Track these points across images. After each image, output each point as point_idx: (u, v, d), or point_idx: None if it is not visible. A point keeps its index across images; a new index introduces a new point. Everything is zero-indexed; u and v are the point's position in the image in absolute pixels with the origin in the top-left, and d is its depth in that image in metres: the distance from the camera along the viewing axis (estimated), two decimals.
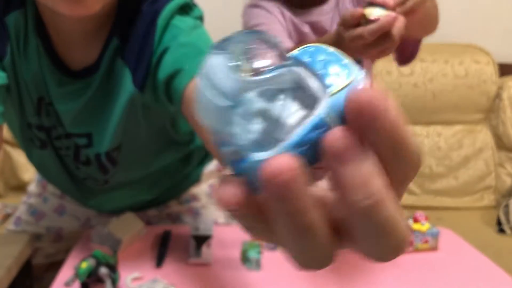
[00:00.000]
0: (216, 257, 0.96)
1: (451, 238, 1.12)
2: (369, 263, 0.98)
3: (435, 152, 1.92)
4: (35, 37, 0.77)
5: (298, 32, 1.13)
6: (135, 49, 0.75)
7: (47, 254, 1.17)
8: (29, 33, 0.77)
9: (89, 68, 0.78)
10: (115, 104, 0.80)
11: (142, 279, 0.87)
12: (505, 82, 1.93)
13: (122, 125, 0.81)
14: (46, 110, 0.84)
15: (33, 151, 0.96)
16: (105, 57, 0.77)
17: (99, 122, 0.82)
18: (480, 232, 1.64)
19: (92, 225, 1.15)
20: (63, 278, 0.80)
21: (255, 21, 1.09)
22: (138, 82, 0.76)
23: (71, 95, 0.80)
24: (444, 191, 1.91)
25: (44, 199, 1.18)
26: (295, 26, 1.12)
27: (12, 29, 0.76)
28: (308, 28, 1.12)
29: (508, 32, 2.10)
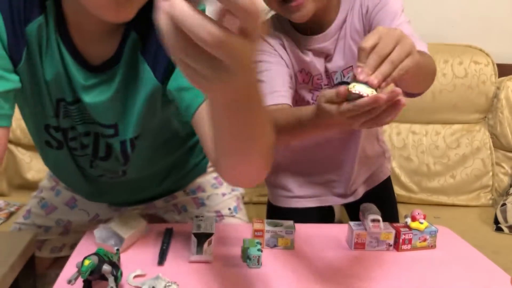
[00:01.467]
0: (217, 255, 0.97)
1: (449, 236, 1.13)
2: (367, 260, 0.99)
3: (434, 150, 1.93)
4: (56, 39, 0.82)
5: (299, 62, 1.13)
6: (153, 45, 0.81)
7: (52, 248, 1.19)
8: (51, 36, 0.82)
9: (109, 61, 0.84)
10: (139, 94, 0.85)
11: (144, 276, 0.88)
12: (503, 82, 1.94)
13: (143, 114, 0.87)
14: (64, 111, 0.89)
15: (49, 152, 0.99)
16: (125, 50, 0.83)
17: (124, 112, 0.87)
18: (477, 231, 1.65)
19: (100, 219, 1.19)
20: (66, 275, 0.80)
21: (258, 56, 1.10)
22: (160, 75, 0.82)
23: (97, 88, 0.85)
24: (441, 190, 1.92)
25: (57, 192, 1.21)
26: (296, 56, 1.13)
27: (34, 36, 0.81)
28: (310, 55, 1.13)
29: (506, 32, 2.11)
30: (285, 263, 0.97)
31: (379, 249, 1.04)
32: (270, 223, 1.04)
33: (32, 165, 1.73)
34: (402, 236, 1.03)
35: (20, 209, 1.61)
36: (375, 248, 1.04)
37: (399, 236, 1.03)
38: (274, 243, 1.03)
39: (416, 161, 1.91)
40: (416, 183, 1.92)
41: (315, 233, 1.11)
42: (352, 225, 1.05)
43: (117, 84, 0.85)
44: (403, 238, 1.03)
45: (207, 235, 0.94)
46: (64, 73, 0.84)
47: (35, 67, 0.83)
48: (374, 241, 1.03)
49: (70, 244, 1.22)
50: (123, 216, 1.02)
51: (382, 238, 1.03)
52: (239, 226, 1.17)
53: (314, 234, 1.10)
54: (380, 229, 1.02)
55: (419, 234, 1.03)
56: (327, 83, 1.17)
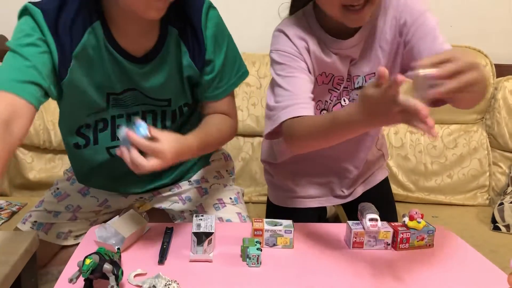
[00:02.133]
0: (217, 254, 0.98)
1: (446, 235, 1.14)
2: (367, 260, 1.00)
3: (431, 150, 1.94)
4: (105, 45, 1.00)
5: (321, 65, 1.13)
6: (191, 40, 1.05)
7: (59, 233, 1.26)
8: (101, 44, 1.00)
9: (150, 52, 1.03)
10: (182, 73, 1.08)
11: (145, 275, 0.89)
12: (500, 83, 1.95)
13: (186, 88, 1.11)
14: (114, 102, 1.08)
15: (81, 151, 1.15)
16: (167, 43, 1.03)
17: (174, 88, 1.09)
18: (475, 230, 1.66)
19: (108, 205, 1.28)
20: (67, 274, 0.81)
21: (280, 59, 1.10)
22: (199, 66, 1.07)
23: (148, 74, 1.05)
24: (438, 189, 1.93)
25: (72, 182, 1.29)
26: (319, 60, 1.12)
27: (83, 51, 0.99)
28: (334, 57, 1.12)
29: (504, 33, 2.12)
30: (284, 262, 0.98)
31: (377, 248, 1.05)
32: (269, 222, 1.05)
33: (34, 165, 1.73)
34: (400, 235, 1.03)
35: (22, 209, 1.61)
36: (373, 247, 1.05)
37: (397, 235, 1.04)
38: (274, 242, 1.03)
39: (413, 161, 1.92)
40: (413, 182, 1.93)
41: (314, 232, 1.12)
42: (351, 224, 1.05)
43: (166, 73, 1.06)
44: (401, 237, 1.04)
45: (207, 234, 0.95)
46: (118, 69, 1.03)
47: (79, 77, 1.02)
48: (372, 240, 1.04)
49: (76, 233, 1.28)
50: (123, 216, 1.03)
51: (380, 237, 1.04)
52: (239, 226, 1.18)
53: (313, 233, 1.11)
54: (378, 228, 1.03)
55: (417, 233, 1.04)
56: (347, 85, 1.17)
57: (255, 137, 1.89)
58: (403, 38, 1.10)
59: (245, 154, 1.88)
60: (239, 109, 1.82)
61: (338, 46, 1.12)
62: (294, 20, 1.14)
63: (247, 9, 2.01)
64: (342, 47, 1.12)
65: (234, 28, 2.02)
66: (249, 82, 1.85)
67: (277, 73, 1.10)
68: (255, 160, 1.87)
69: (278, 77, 1.09)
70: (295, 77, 1.08)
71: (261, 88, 1.85)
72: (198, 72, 1.08)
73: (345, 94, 1.18)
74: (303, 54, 1.10)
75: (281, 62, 1.10)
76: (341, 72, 1.14)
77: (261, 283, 0.89)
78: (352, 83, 1.17)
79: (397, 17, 1.09)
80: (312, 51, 1.11)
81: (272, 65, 1.13)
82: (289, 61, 1.09)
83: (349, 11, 1.00)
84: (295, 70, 1.09)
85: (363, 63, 1.14)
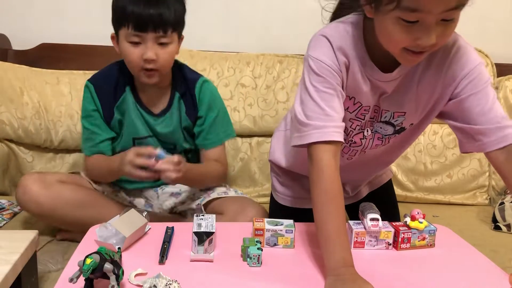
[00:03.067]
0: (218, 253, 0.98)
1: (447, 235, 1.14)
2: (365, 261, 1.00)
3: (431, 150, 1.93)
4: (133, 102, 1.42)
5: (354, 88, 1.06)
6: (188, 101, 1.44)
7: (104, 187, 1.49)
8: (129, 102, 1.41)
9: (163, 110, 1.43)
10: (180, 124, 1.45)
11: (146, 275, 0.89)
12: (501, 82, 1.95)
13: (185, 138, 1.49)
14: (138, 143, 1.43)
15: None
16: (173, 104, 1.43)
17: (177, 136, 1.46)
18: (475, 229, 1.66)
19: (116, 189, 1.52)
20: (68, 274, 0.81)
21: (319, 70, 1.01)
22: (192, 120, 1.45)
23: (162, 124, 1.43)
24: (437, 189, 1.93)
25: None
26: (354, 83, 1.05)
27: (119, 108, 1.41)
28: (368, 86, 1.06)
29: (505, 33, 2.12)
30: (285, 262, 0.98)
31: (378, 248, 1.05)
32: (270, 222, 1.05)
33: (34, 164, 1.73)
34: (401, 235, 1.03)
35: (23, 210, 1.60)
36: (374, 247, 1.05)
37: (398, 235, 1.03)
38: (274, 242, 1.03)
39: (413, 160, 1.92)
40: (412, 182, 1.93)
41: (314, 232, 1.11)
42: (352, 224, 1.05)
43: (173, 125, 1.44)
44: (402, 237, 1.04)
45: (207, 234, 0.95)
46: (141, 120, 1.42)
47: (119, 123, 1.43)
48: (373, 240, 1.04)
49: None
50: (124, 215, 1.03)
51: (381, 237, 1.04)
52: (239, 225, 1.18)
53: (313, 233, 1.10)
54: (379, 228, 1.03)
55: (418, 233, 1.04)
56: (373, 116, 1.12)
57: (253, 137, 1.89)
58: (451, 90, 1.06)
59: (243, 154, 1.88)
60: (236, 110, 1.82)
61: (377, 76, 1.04)
62: (342, 30, 1.04)
63: (247, 9, 2.01)
64: (380, 79, 1.05)
65: (234, 28, 2.04)
66: (244, 83, 1.84)
67: (313, 84, 1.02)
68: (254, 160, 1.87)
69: (312, 89, 1.01)
70: (331, 95, 1.01)
71: (257, 88, 1.84)
72: (192, 124, 1.45)
73: (369, 125, 1.14)
74: (342, 71, 1.03)
75: (319, 74, 1.01)
76: (369, 103, 1.09)
77: (261, 283, 0.89)
78: (379, 115, 1.12)
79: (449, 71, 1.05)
80: (351, 71, 1.04)
81: (307, 72, 1.04)
82: (328, 75, 1.01)
83: (409, 53, 0.93)
84: (332, 88, 1.01)
85: (395, 99, 1.09)
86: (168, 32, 1.29)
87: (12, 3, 1.93)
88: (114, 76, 1.42)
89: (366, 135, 1.15)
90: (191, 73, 1.48)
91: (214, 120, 1.46)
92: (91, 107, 1.42)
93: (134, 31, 1.27)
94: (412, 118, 1.12)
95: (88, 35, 1.92)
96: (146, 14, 1.25)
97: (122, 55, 1.34)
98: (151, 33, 1.27)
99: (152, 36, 1.27)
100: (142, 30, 1.26)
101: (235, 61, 1.86)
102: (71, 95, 1.75)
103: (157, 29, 1.27)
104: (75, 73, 1.79)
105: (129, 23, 1.27)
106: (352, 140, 1.15)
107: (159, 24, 1.27)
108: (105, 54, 1.87)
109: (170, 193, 1.51)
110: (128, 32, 1.28)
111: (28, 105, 1.70)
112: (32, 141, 1.72)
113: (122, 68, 1.40)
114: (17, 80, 1.72)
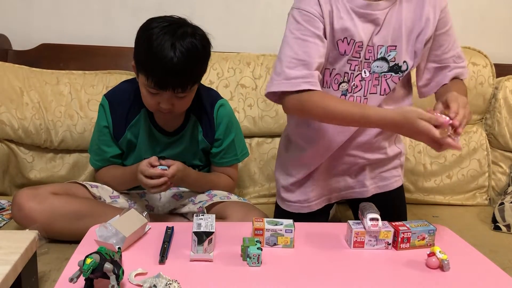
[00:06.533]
0: (217, 253, 0.98)
1: (447, 235, 1.14)
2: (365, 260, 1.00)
3: (430, 151, 1.93)
4: (148, 123, 1.43)
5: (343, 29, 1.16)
6: (206, 124, 1.46)
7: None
8: (145, 122, 1.43)
9: (176, 130, 1.45)
10: (198, 146, 1.48)
11: (146, 274, 0.89)
12: (501, 82, 1.95)
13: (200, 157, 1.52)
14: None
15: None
16: (188, 125, 1.45)
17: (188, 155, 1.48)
18: (475, 230, 1.66)
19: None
20: (68, 274, 0.81)
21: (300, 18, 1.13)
22: (210, 141, 1.47)
23: (173, 144, 1.46)
24: (437, 189, 1.93)
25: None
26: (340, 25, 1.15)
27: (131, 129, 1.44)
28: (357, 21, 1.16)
29: (504, 33, 2.12)
30: (284, 262, 0.98)
31: (378, 247, 1.05)
32: (270, 221, 1.05)
33: (34, 164, 1.73)
34: (401, 235, 1.04)
35: None
36: (374, 246, 1.05)
37: (398, 235, 1.04)
38: (274, 242, 1.03)
39: (413, 161, 1.92)
40: (412, 183, 1.93)
41: (314, 231, 1.12)
42: (351, 224, 1.06)
43: (184, 144, 1.46)
44: (402, 236, 1.04)
45: (207, 234, 0.95)
46: (155, 140, 1.45)
47: (129, 143, 1.46)
48: (373, 239, 1.04)
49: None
50: (124, 215, 1.03)
51: (381, 237, 1.04)
52: (239, 225, 1.18)
53: (313, 233, 1.11)
54: (379, 228, 1.03)
55: (417, 232, 1.04)
56: (368, 56, 1.20)
57: (253, 138, 1.89)
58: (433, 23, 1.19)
59: None
60: (235, 111, 1.82)
61: (366, 7, 1.15)
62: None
63: (247, 9, 2.01)
64: (369, 9, 1.15)
65: (234, 28, 2.04)
66: (244, 84, 1.84)
67: (292, 32, 1.13)
68: (254, 161, 1.87)
69: (291, 36, 1.13)
70: (308, 41, 1.11)
71: (257, 89, 1.84)
72: (209, 145, 1.48)
73: (366, 66, 1.21)
74: (325, 18, 1.13)
75: (299, 21, 1.12)
76: (362, 38, 1.17)
77: (261, 283, 0.89)
78: (374, 53, 1.20)
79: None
80: (337, 15, 1.14)
81: (289, 21, 1.16)
82: (308, 21, 1.12)
83: None
84: (310, 34, 1.12)
85: (386, 33, 1.18)
86: (187, 90, 1.30)
87: (12, 3, 1.93)
88: (130, 96, 1.43)
89: (364, 76, 1.22)
90: (207, 95, 1.48)
91: (232, 143, 1.50)
92: (103, 123, 1.45)
93: (153, 86, 1.27)
94: (404, 53, 1.22)
95: (88, 36, 1.93)
96: (169, 80, 1.25)
97: (140, 92, 1.36)
98: (169, 91, 1.27)
99: (170, 93, 1.28)
100: (161, 88, 1.27)
101: (235, 61, 1.86)
102: (71, 95, 1.75)
103: (176, 89, 1.27)
104: (75, 73, 1.79)
105: (149, 78, 1.26)
106: (354, 84, 1.22)
107: (178, 86, 1.27)
108: (105, 54, 1.88)
109: (172, 195, 1.51)
110: (147, 83, 1.28)
111: (28, 106, 1.70)
112: (32, 141, 1.72)
113: (137, 89, 1.39)
114: (17, 81, 1.72)
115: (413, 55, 1.22)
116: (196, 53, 1.26)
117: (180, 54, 1.22)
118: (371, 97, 1.23)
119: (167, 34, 1.23)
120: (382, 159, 1.36)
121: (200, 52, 1.27)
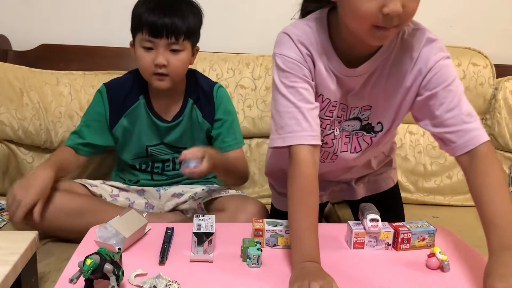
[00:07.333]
0: (217, 254, 0.98)
1: (447, 235, 1.14)
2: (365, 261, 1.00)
3: (430, 151, 1.93)
4: (146, 111, 1.47)
5: (321, 85, 1.07)
6: (204, 105, 1.49)
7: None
8: (142, 110, 1.47)
9: (175, 116, 1.48)
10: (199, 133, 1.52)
11: (146, 275, 0.89)
12: (501, 83, 1.95)
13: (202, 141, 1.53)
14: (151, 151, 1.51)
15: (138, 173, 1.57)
16: (186, 110, 1.48)
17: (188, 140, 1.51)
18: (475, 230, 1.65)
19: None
20: (68, 274, 0.81)
21: (284, 65, 1.03)
22: (210, 121, 1.50)
23: (172, 130, 1.49)
24: (437, 190, 1.93)
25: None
26: (320, 78, 1.06)
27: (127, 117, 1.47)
28: (334, 82, 1.07)
29: (505, 34, 2.12)
30: (284, 262, 0.98)
31: (378, 248, 1.05)
32: (270, 222, 1.05)
33: (34, 165, 1.73)
34: (401, 236, 1.04)
35: None
36: (374, 247, 1.05)
37: (398, 235, 1.04)
38: (274, 243, 1.03)
39: (413, 161, 1.92)
40: (412, 183, 1.93)
41: None
42: (351, 225, 1.05)
43: (183, 128, 1.49)
44: (402, 237, 1.04)
45: (207, 235, 0.95)
46: (153, 127, 1.48)
47: (124, 131, 1.49)
48: (373, 240, 1.04)
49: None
50: (124, 216, 1.03)
51: (381, 238, 1.04)
52: (239, 226, 1.18)
53: None
54: (379, 229, 1.03)
55: (417, 233, 1.04)
56: (341, 115, 1.13)
57: (252, 138, 1.89)
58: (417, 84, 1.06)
59: None
60: None
61: (343, 71, 1.05)
62: (303, 25, 1.06)
63: (247, 9, 2.01)
64: (347, 74, 1.06)
65: (234, 28, 2.04)
66: (243, 84, 1.84)
67: (281, 81, 1.03)
68: (253, 161, 1.87)
69: (281, 85, 1.03)
70: (298, 88, 1.02)
71: (256, 90, 1.84)
72: (210, 126, 1.50)
73: (337, 124, 1.14)
74: (307, 61, 1.04)
75: (284, 69, 1.03)
76: (337, 98, 1.09)
77: (261, 284, 0.89)
78: (347, 113, 1.13)
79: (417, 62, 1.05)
80: (317, 64, 1.05)
81: (275, 69, 1.06)
82: (294, 68, 1.03)
83: (378, 29, 0.93)
84: (299, 80, 1.03)
85: (362, 95, 1.10)
86: (180, 39, 1.34)
87: (12, 4, 1.93)
88: (129, 84, 1.48)
89: (336, 134, 1.15)
90: (205, 80, 1.54)
91: (232, 124, 1.52)
92: (97, 109, 1.48)
93: (148, 37, 1.33)
94: (380, 115, 1.13)
95: (88, 36, 1.93)
96: (160, 21, 1.31)
97: (136, 61, 1.40)
98: (163, 39, 1.32)
99: (164, 43, 1.33)
100: (155, 36, 1.32)
101: (235, 62, 1.86)
102: (71, 95, 1.75)
103: (169, 36, 1.32)
104: (75, 73, 1.80)
105: (144, 29, 1.33)
106: (323, 140, 1.14)
107: (171, 31, 1.32)
108: (105, 55, 1.88)
109: (173, 194, 1.51)
110: (142, 38, 1.34)
111: (28, 106, 1.70)
112: (32, 142, 1.72)
113: (137, 77, 1.46)
114: (17, 81, 1.72)
115: (393, 118, 1.13)
116: (187, 2, 1.39)
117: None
118: (342, 155, 1.18)
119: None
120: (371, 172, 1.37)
121: (191, 3, 1.40)
